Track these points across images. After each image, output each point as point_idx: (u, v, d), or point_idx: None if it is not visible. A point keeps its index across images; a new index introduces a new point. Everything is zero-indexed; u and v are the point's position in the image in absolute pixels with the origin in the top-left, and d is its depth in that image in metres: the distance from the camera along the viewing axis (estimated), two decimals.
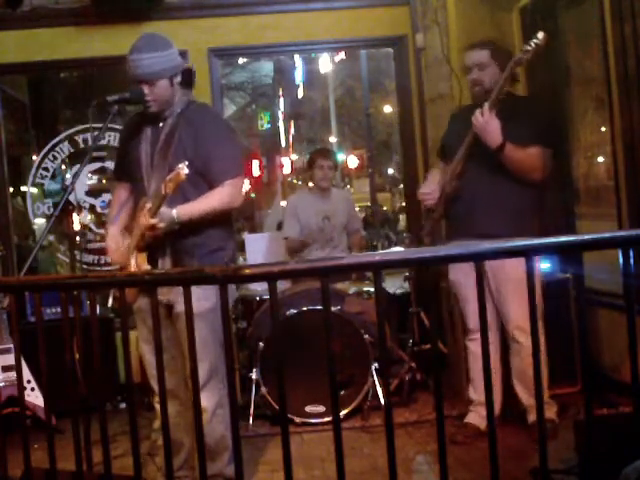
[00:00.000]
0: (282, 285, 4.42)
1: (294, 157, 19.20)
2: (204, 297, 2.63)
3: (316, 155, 4.97)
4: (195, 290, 2.67)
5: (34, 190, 5.46)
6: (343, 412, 3.91)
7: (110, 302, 3.67)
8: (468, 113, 3.57)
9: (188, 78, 3.06)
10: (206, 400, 2.90)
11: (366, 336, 4.06)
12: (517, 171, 3.41)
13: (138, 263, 2.92)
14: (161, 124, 3.02)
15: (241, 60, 13.24)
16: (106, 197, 5.33)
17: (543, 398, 1.89)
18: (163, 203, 2.79)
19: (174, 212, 2.84)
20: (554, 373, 3.61)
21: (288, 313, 4.07)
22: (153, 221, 2.81)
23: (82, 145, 5.32)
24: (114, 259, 3.08)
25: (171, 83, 2.97)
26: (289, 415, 3.80)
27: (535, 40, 3.22)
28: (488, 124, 3.33)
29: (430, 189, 3.68)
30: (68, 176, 5.53)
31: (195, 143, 2.95)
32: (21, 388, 2.27)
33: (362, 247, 5.08)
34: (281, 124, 19.28)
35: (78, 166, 3.27)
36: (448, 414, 3.76)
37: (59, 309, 4.20)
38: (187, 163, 2.69)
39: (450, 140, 3.73)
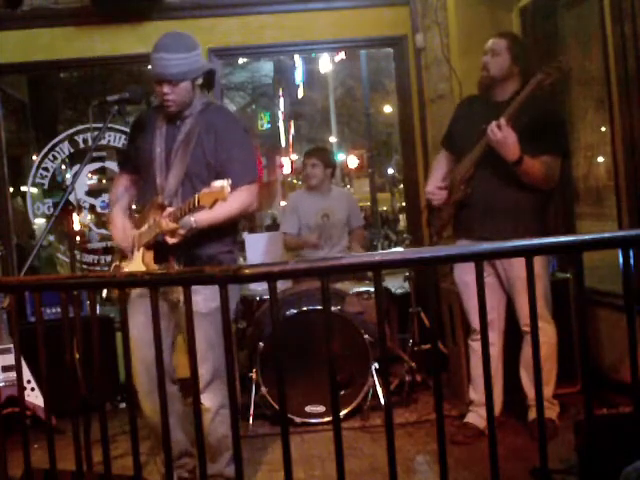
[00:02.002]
0: (282, 285, 4.42)
1: (294, 157, 19.23)
2: (209, 297, 2.63)
3: (304, 155, 5.06)
4: (202, 290, 2.67)
5: (34, 190, 5.46)
6: (343, 412, 3.90)
7: (104, 293, 3.61)
8: (475, 107, 3.59)
9: (208, 79, 3.05)
10: (209, 400, 2.90)
11: (366, 336, 4.05)
12: (533, 182, 3.40)
13: (146, 261, 2.91)
14: (178, 122, 3.00)
15: (241, 60, 13.25)
16: (106, 197, 5.32)
17: (544, 397, 1.90)
18: (191, 213, 2.77)
19: (192, 220, 2.81)
20: None
21: (288, 313, 4.07)
22: (174, 226, 2.79)
23: (82, 145, 5.32)
24: (118, 238, 3.05)
25: (193, 85, 2.95)
26: (289, 415, 3.79)
27: (557, 64, 3.23)
28: (506, 138, 3.28)
29: (436, 187, 3.66)
30: (68, 176, 5.53)
31: (215, 146, 2.94)
32: (21, 388, 2.27)
33: (363, 244, 5.08)
34: (281, 124, 19.31)
35: (78, 166, 3.27)
36: (448, 414, 3.77)
37: (59, 309, 4.20)
38: (230, 182, 2.67)
39: (457, 134, 3.71)
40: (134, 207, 3.19)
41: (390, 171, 22.14)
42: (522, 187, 3.42)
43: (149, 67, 2.95)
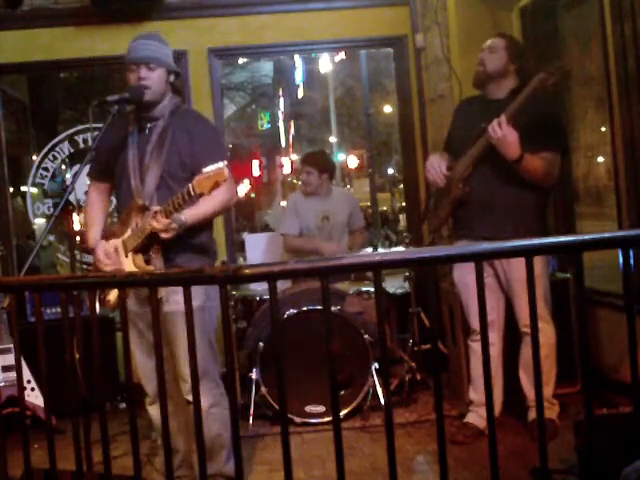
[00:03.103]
0: (282, 285, 4.42)
1: (294, 157, 19.20)
2: (193, 296, 2.63)
3: (300, 161, 5.06)
4: (182, 290, 2.69)
5: (34, 190, 5.46)
6: (343, 412, 3.90)
7: (98, 306, 3.60)
8: (473, 107, 3.60)
9: (177, 86, 3.13)
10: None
11: (366, 336, 4.06)
12: (533, 179, 3.40)
13: (137, 265, 2.91)
14: (149, 124, 3.02)
15: (241, 60, 13.23)
16: None
17: (543, 397, 1.89)
18: (185, 204, 2.76)
19: (183, 217, 2.82)
20: None
21: (288, 313, 4.07)
22: (167, 221, 2.78)
23: (82, 145, 5.32)
24: (109, 269, 3.00)
25: (167, 78, 3.01)
26: (289, 415, 3.79)
27: (560, 64, 3.24)
28: (507, 137, 3.28)
29: (438, 163, 3.62)
30: (68, 176, 5.53)
31: (191, 146, 2.96)
32: (21, 388, 2.27)
33: (364, 245, 5.07)
34: (281, 124, 19.27)
35: (78, 166, 3.27)
36: (448, 414, 3.77)
37: (59, 309, 4.20)
38: (227, 163, 2.68)
39: (456, 135, 3.72)
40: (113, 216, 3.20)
41: (390, 171, 22.12)
42: (521, 185, 3.43)
43: (127, 58, 3.02)
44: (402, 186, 7.46)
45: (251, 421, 4.06)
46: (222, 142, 3.17)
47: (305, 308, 4.07)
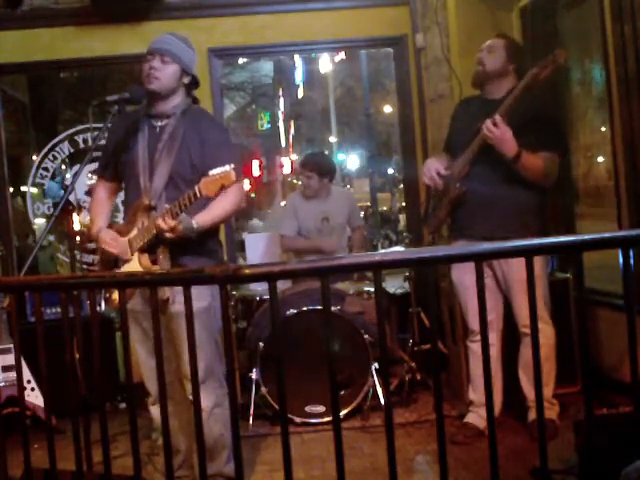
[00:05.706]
0: (282, 285, 4.42)
1: (294, 157, 19.21)
2: (198, 297, 2.62)
3: (300, 164, 5.08)
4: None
5: (34, 190, 5.46)
6: (343, 412, 3.90)
7: (103, 305, 3.59)
8: (472, 107, 3.60)
9: (193, 88, 3.12)
10: (203, 400, 2.90)
11: (366, 336, 4.06)
12: (533, 178, 3.40)
13: (143, 264, 2.90)
14: (160, 123, 3.01)
15: (241, 60, 13.23)
16: None
17: (543, 397, 1.90)
18: (191, 205, 2.76)
19: (194, 222, 2.81)
20: None
21: (288, 313, 4.07)
22: (173, 223, 2.77)
23: (82, 145, 5.31)
24: (115, 251, 2.99)
25: (180, 76, 3.00)
26: (289, 415, 3.79)
27: (552, 57, 3.24)
28: (504, 134, 3.29)
29: (437, 168, 3.62)
30: (68, 176, 5.53)
31: (201, 147, 2.96)
32: (21, 388, 2.27)
33: (363, 244, 5.08)
34: (281, 124, 19.29)
35: (78, 166, 3.27)
36: (448, 414, 3.77)
37: (59, 309, 4.20)
38: (234, 166, 2.68)
39: (455, 135, 3.73)
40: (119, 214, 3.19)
41: (390, 171, 22.12)
42: (520, 185, 3.43)
43: (147, 48, 3.02)
44: (402, 186, 7.44)
45: (251, 421, 4.06)
46: (232, 144, 3.15)
47: (305, 308, 4.06)
